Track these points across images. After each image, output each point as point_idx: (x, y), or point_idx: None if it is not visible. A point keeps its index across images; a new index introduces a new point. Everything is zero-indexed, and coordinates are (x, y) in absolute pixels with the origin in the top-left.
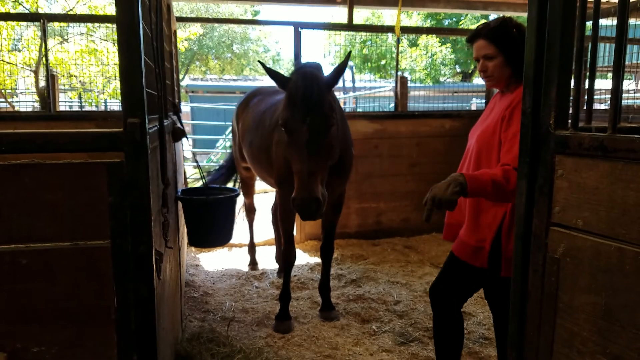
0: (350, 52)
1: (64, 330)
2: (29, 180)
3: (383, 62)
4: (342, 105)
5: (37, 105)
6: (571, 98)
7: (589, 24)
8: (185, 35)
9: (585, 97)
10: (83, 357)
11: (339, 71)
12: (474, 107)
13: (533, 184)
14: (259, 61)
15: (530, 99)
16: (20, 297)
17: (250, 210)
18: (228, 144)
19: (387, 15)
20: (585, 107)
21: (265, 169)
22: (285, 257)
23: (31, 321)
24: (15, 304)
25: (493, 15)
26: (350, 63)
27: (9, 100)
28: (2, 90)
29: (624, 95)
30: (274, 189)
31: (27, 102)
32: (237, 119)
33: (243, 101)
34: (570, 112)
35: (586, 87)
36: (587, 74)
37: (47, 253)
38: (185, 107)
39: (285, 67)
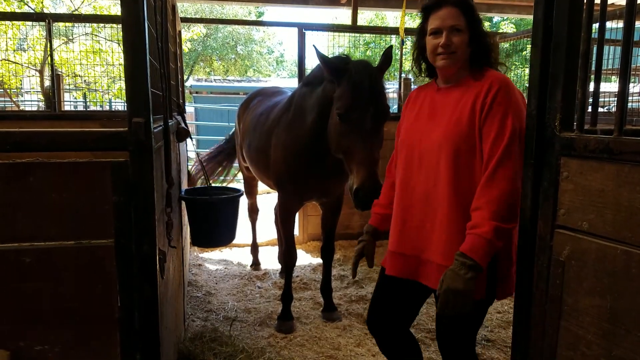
0: (392, 46)
1: (68, 329)
2: (33, 179)
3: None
4: None
5: (42, 104)
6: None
7: (595, 26)
8: (189, 36)
9: (591, 100)
10: (86, 356)
11: (387, 61)
12: None
13: (538, 186)
14: (313, 45)
15: (536, 101)
16: (23, 295)
17: (252, 211)
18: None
19: (391, 17)
20: (590, 110)
21: (263, 171)
22: (286, 258)
23: (34, 320)
24: (19, 303)
25: (497, 18)
26: None
27: (15, 99)
28: (8, 90)
29: (629, 98)
30: (274, 190)
31: (32, 101)
32: (239, 120)
33: (244, 102)
34: (576, 114)
35: (592, 89)
36: (593, 76)
37: (51, 252)
38: (189, 108)
39: (289, 69)
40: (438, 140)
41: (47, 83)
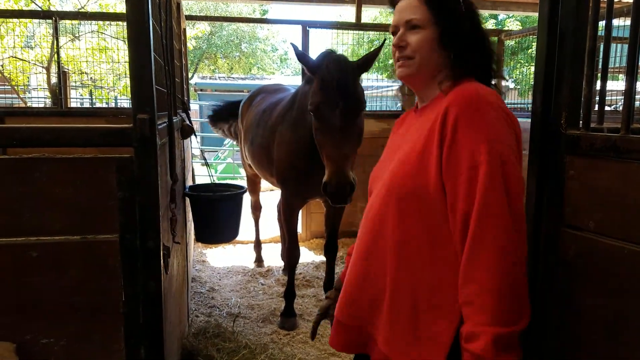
0: (385, 40)
1: (73, 322)
2: (39, 174)
3: (390, 61)
4: None
5: (48, 101)
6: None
7: (601, 23)
8: (193, 34)
9: (597, 98)
10: (91, 349)
11: (371, 57)
12: None
13: (543, 184)
14: (291, 43)
15: (541, 98)
16: (30, 289)
17: (256, 208)
18: (235, 142)
19: None
20: (597, 108)
21: (267, 168)
22: (290, 255)
23: (40, 313)
24: (25, 296)
25: (502, 15)
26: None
27: (22, 96)
28: (15, 87)
29: (636, 96)
30: (277, 188)
31: (39, 98)
32: (242, 118)
33: (247, 99)
34: (582, 112)
35: (598, 87)
36: (599, 74)
37: (57, 246)
38: (194, 106)
39: (293, 67)
40: (385, 182)
41: (53, 80)
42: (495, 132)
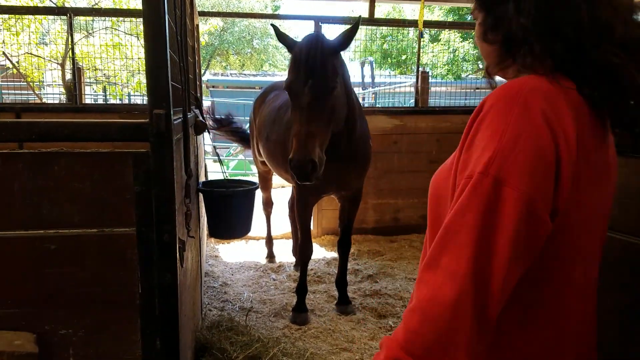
0: (360, 16)
1: (91, 314)
2: (58, 168)
3: (404, 57)
4: (360, 100)
5: (63, 97)
6: None
7: None
8: (206, 29)
9: None
10: (108, 340)
11: (348, 35)
12: None
13: None
14: (271, 24)
15: None
16: (48, 281)
17: (267, 204)
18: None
19: (408, 10)
20: None
21: (282, 164)
22: (302, 251)
23: (59, 305)
24: (44, 288)
25: None
26: (370, 59)
27: (37, 92)
28: (31, 83)
29: None
30: (291, 184)
31: (54, 94)
32: (254, 114)
33: (260, 96)
34: None
35: None
36: None
37: (75, 239)
38: (206, 102)
39: None
40: (431, 186)
41: (68, 76)
42: (510, 141)
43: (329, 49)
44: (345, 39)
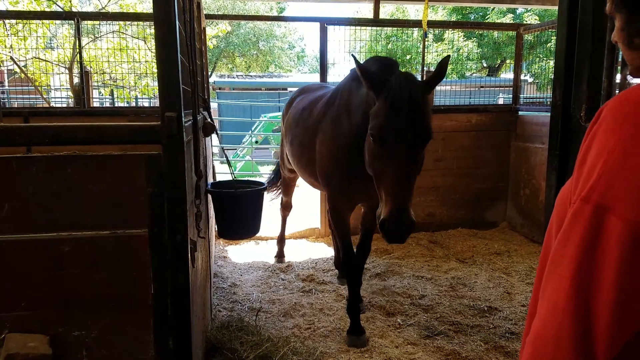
0: (449, 56)
1: (104, 315)
2: (71, 171)
3: (408, 57)
4: None
5: (71, 101)
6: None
7: None
8: (214, 33)
9: (618, 91)
10: (121, 341)
11: (437, 78)
12: (500, 102)
13: (563, 179)
14: (352, 55)
15: (561, 92)
16: (62, 283)
17: (286, 207)
18: (254, 139)
19: (412, 10)
20: None
21: (306, 166)
22: (347, 267)
23: (72, 306)
24: (58, 290)
25: (520, 9)
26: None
27: (45, 96)
28: (39, 87)
29: None
30: (318, 190)
31: (61, 98)
32: (283, 119)
33: (288, 102)
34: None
35: (618, 80)
36: (619, 66)
37: (88, 241)
38: (212, 104)
39: (310, 64)
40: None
41: (76, 80)
42: (618, 161)
43: (426, 95)
44: (434, 82)
